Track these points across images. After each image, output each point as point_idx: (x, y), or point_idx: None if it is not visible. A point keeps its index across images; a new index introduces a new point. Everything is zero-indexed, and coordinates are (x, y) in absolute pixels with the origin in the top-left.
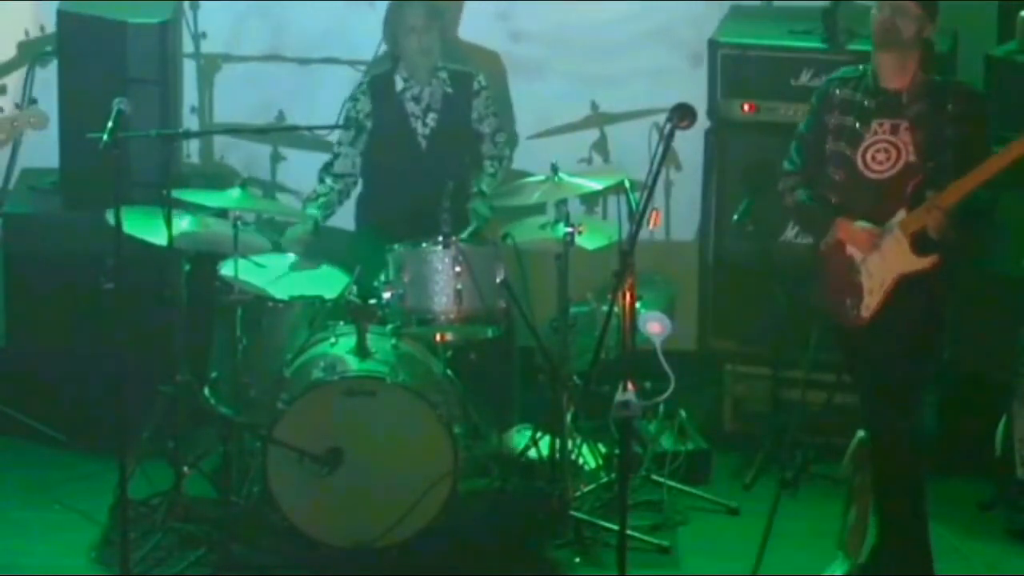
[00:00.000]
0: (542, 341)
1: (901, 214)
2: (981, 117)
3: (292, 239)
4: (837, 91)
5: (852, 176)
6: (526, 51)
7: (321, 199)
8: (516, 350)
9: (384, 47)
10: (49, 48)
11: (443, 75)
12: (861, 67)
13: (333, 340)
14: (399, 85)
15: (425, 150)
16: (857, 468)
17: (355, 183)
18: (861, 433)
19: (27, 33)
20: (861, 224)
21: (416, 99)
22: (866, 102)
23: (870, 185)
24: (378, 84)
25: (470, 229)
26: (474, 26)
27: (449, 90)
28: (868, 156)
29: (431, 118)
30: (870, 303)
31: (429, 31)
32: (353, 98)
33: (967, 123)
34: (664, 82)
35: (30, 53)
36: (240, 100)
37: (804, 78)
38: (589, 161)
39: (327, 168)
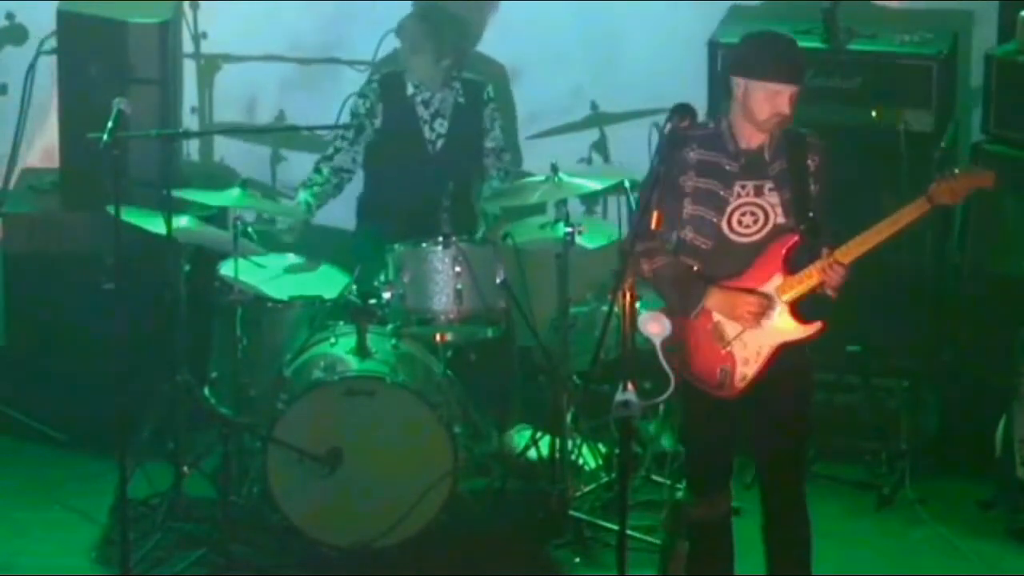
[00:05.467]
0: (542, 341)
1: (777, 279)
2: (829, 170)
3: (284, 227)
4: (691, 152)
5: (719, 242)
6: (527, 50)
7: (315, 188)
8: (516, 350)
9: (385, 45)
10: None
11: (456, 84)
12: (711, 124)
13: (333, 340)
14: (410, 89)
15: (432, 155)
16: (674, 535)
17: (350, 179)
18: (679, 494)
19: None
20: (739, 294)
21: (426, 103)
22: (727, 165)
23: (737, 249)
24: (389, 83)
25: (482, 231)
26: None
27: (461, 100)
28: (734, 220)
29: (439, 124)
30: (746, 372)
31: (423, 52)
32: (362, 95)
33: (824, 177)
34: (664, 82)
35: None
36: (240, 100)
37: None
38: (589, 161)
39: (326, 159)
